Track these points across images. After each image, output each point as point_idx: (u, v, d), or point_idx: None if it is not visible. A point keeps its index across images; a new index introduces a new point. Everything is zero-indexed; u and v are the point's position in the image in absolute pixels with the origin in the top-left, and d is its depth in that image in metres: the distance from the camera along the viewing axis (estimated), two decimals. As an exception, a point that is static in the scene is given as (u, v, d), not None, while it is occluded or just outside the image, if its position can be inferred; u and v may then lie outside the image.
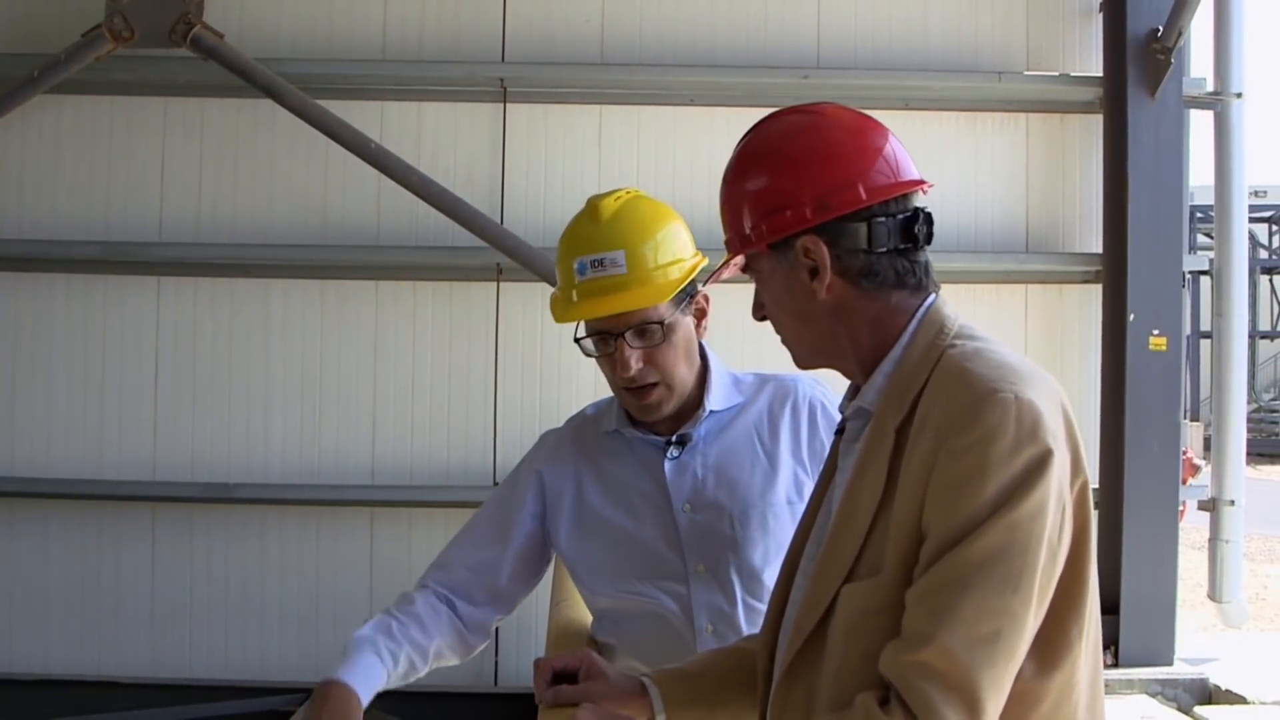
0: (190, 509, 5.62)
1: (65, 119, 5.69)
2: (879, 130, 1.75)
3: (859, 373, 1.73)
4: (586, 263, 2.38)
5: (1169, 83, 5.52)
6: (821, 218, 1.66)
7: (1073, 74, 5.86)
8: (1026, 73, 5.85)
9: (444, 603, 2.57)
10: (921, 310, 1.69)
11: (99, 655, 5.59)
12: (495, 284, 5.69)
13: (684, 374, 2.45)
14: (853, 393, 1.78)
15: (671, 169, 5.69)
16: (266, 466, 5.65)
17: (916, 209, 1.72)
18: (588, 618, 2.75)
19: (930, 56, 5.83)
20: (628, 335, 2.37)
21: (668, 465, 2.48)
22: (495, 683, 5.57)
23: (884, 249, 1.67)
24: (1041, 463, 1.50)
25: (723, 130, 5.58)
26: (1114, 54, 5.65)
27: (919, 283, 1.71)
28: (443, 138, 5.74)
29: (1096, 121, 5.80)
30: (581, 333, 2.44)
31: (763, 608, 2.39)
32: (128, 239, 5.63)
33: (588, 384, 5.52)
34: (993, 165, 5.85)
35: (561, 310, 2.43)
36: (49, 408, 5.65)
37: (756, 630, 2.27)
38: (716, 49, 5.78)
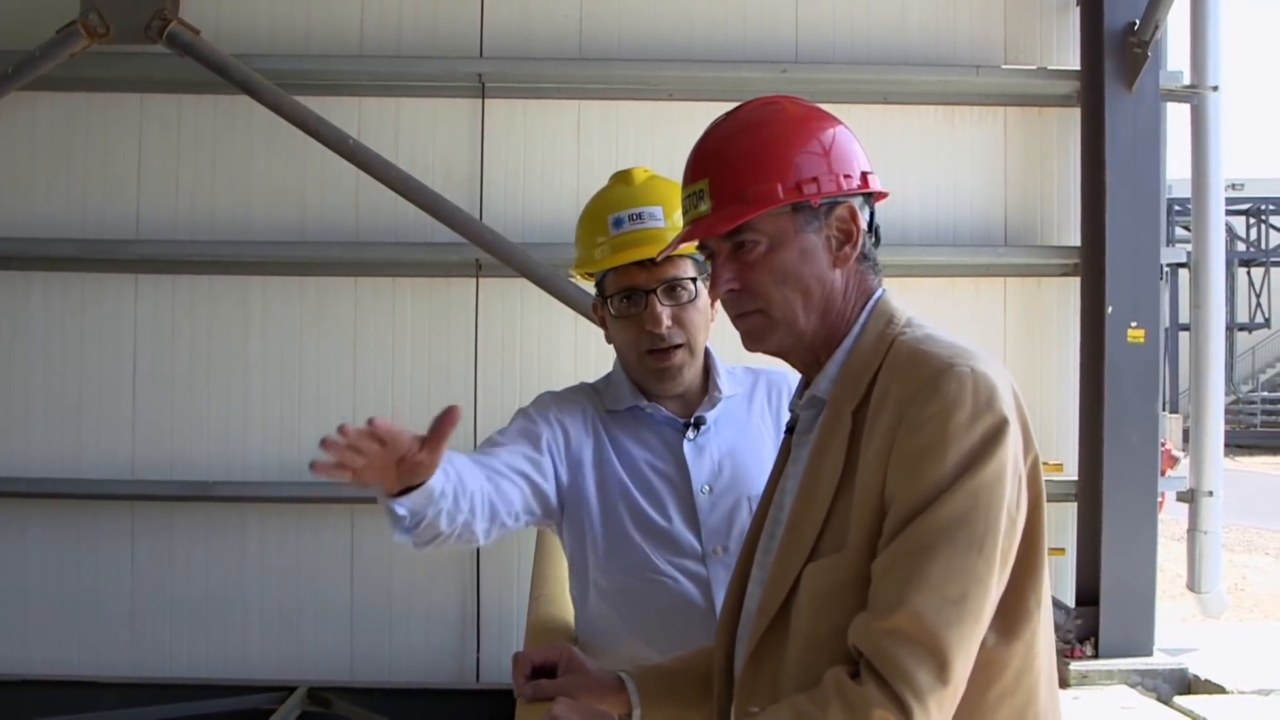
0: (170, 507, 5.60)
1: (40, 116, 5.66)
2: None
3: (812, 360, 1.76)
4: (624, 216, 2.43)
5: (1146, 76, 5.55)
6: (864, 188, 1.73)
7: (1050, 68, 5.88)
8: (1004, 66, 5.87)
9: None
10: (871, 302, 1.75)
11: (79, 655, 5.57)
12: (474, 279, 5.68)
13: (702, 342, 2.49)
14: (802, 388, 1.82)
15: (650, 163, 5.61)
16: (246, 464, 5.64)
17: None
18: (567, 613, 2.73)
19: (908, 50, 5.85)
20: (659, 292, 2.40)
21: (687, 447, 2.49)
22: (477, 679, 5.57)
23: (871, 234, 1.75)
24: (999, 431, 1.54)
25: (701, 124, 5.51)
26: (1091, 47, 5.67)
27: (879, 274, 1.78)
28: (421, 133, 5.73)
29: (1074, 115, 5.82)
30: (609, 292, 2.44)
31: None
32: (105, 236, 5.61)
33: (567, 378, 5.47)
34: (971, 159, 5.87)
35: (598, 259, 2.43)
36: (26, 407, 5.63)
37: None
38: (695, 43, 5.78)
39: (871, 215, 1.75)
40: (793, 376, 2.55)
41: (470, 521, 2.17)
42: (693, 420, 2.50)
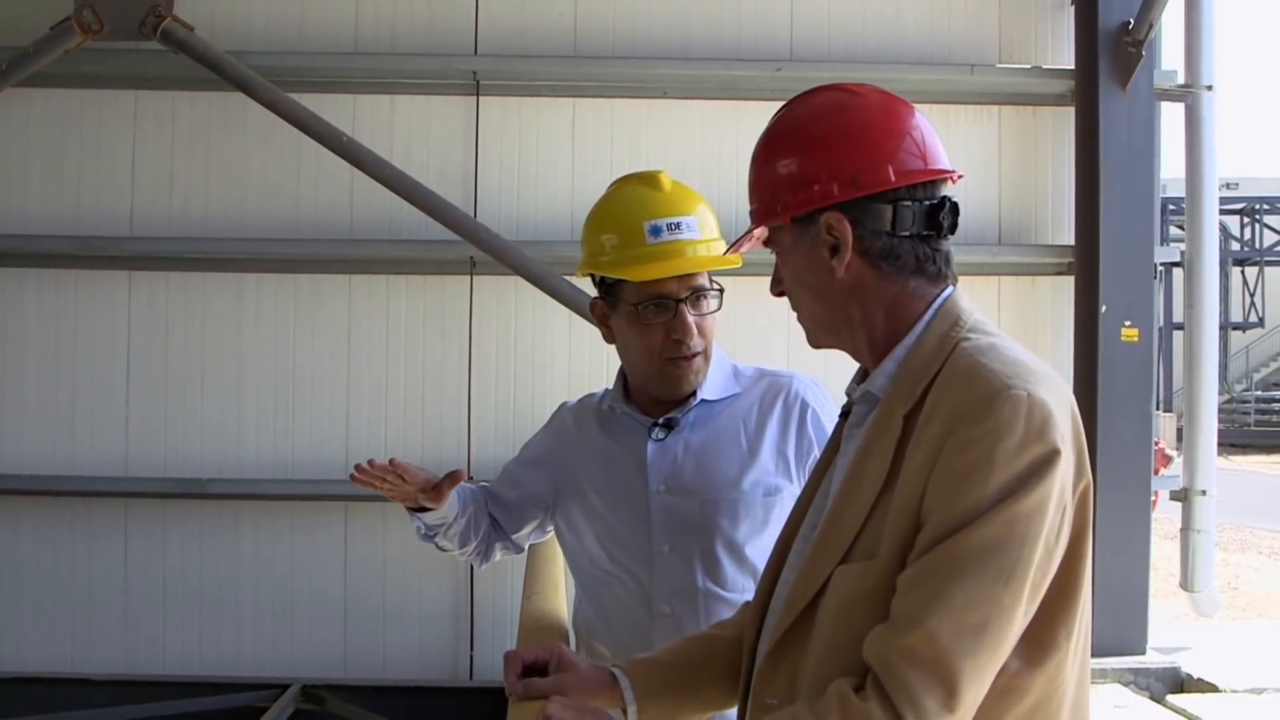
0: (163, 504, 5.59)
1: (34, 113, 5.64)
2: (910, 114, 1.79)
3: (870, 356, 1.73)
4: (662, 225, 2.44)
5: (1140, 75, 5.55)
6: (847, 195, 1.67)
7: (1045, 67, 5.87)
8: (999, 65, 5.86)
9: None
10: (939, 301, 1.71)
11: (72, 652, 5.56)
12: (469, 278, 5.67)
13: (713, 347, 2.53)
14: (860, 376, 1.78)
15: (645, 162, 5.61)
16: (240, 461, 5.63)
17: (944, 198, 1.73)
18: (560, 610, 2.77)
19: (903, 49, 5.84)
20: (688, 301, 2.42)
21: (650, 446, 2.52)
22: (470, 677, 5.57)
23: (907, 233, 1.69)
24: (1047, 461, 1.50)
25: (696, 122, 5.58)
26: (1085, 47, 5.67)
27: (939, 271, 1.73)
28: (415, 131, 5.72)
29: (1068, 114, 5.82)
30: (634, 299, 2.45)
31: (725, 594, 2.43)
32: (98, 233, 5.59)
33: (561, 377, 5.52)
34: (966, 158, 5.85)
35: (645, 268, 2.43)
36: (20, 403, 5.61)
37: (716, 618, 2.29)
38: (690, 42, 5.76)
39: (905, 214, 1.68)
40: (803, 381, 2.58)
41: (478, 550, 2.68)
42: (663, 421, 2.50)
